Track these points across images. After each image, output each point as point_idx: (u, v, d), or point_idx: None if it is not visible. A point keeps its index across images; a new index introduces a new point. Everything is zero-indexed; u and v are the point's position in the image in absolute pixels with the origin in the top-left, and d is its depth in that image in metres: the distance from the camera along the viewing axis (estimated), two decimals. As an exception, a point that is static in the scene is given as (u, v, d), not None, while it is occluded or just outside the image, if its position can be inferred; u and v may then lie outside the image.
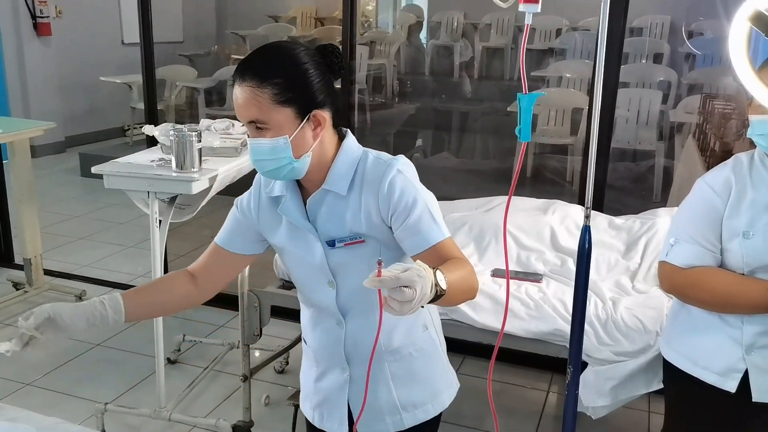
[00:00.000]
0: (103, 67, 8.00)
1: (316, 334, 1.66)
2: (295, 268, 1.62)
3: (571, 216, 3.00)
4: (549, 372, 3.48)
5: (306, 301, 1.67)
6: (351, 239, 1.50)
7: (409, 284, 1.16)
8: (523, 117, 1.21)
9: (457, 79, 8.08)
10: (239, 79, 1.42)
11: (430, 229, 1.46)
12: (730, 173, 1.76)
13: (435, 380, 1.67)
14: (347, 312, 1.58)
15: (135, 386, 3.35)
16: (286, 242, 1.57)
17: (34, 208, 4.18)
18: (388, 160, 1.52)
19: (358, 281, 1.45)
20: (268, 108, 1.41)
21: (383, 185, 1.47)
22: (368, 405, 1.55)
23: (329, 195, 1.51)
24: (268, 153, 1.43)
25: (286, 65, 1.43)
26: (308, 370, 1.73)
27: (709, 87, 6.01)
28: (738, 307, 1.73)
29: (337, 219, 1.51)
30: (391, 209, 1.47)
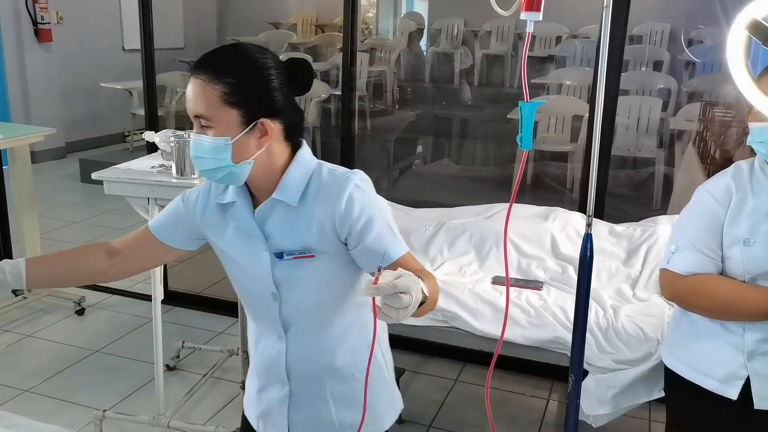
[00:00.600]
0: (103, 73, 8.01)
1: (259, 347, 1.62)
2: (238, 277, 1.58)
3: (572, 223, 3.00)
4: (549, 380, 3.47)
5: (249, 311, 1.63)
6: (300, 253, 1.45)
7: (405, 290, 1.15)
8: (525, 125, 1.21)
9: (457, 86, 8.08)
10: (194, 72, 1.40)
11: (390, 246, 1.41)
12: (730, 181, 1.76)
13: (377, 404, 1.60)
14: (289, 327, 1.53)
15: (134, 393, 3.34)
16: (230, 249, 1.54)
17: (34, 214, 4.17)
18: (344, 173, 1.46)
19: (302, 296, 1.49)
20: (216, 106, 1.38)
21: (341, 201, 1.42)
22: (307, 422, 1.58)
23: (279, 205, 1.46)
24: (207, 151, 1.40)
25: (245, 68, 1.40)
26: (251, 381, 1.70)
27: (709, 95, 6.02)
28: (739, 314, 1.73)
29: (287, 230, 1.46)
30: (348, 227, 1.42)
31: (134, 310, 4.21)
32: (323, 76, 7.72)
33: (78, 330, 3.97)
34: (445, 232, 3.09)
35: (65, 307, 4.18)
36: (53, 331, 3.94)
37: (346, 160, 4.29)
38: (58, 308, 4.19)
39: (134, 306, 4.26)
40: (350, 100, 4.29)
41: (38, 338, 3.87)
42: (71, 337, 3.87)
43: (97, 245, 1.64)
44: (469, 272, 2.85)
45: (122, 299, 4.38)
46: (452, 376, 3.49)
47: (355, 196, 1.42)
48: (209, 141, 1.39)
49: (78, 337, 3.88)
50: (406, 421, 3.12)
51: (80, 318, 4.12)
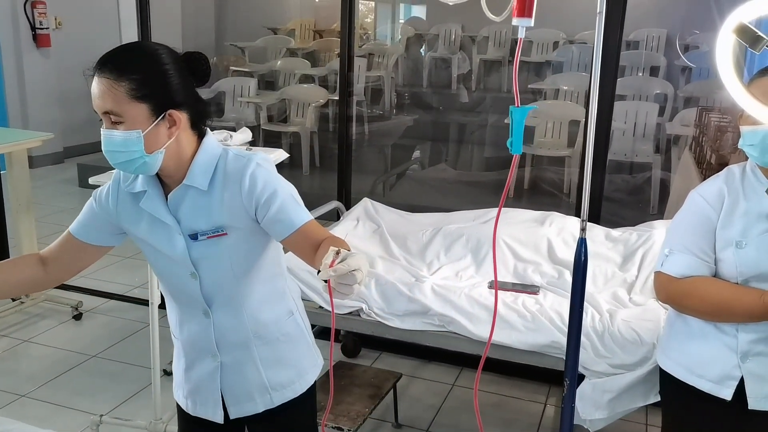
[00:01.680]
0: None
1: (184, 328, 1.72)
2: (157, 262, 1.66)
3: (568, 228, 3.01)
4: (546, 384, 3.47)
5: (171, 294, 1.71)
6: (214, 232, 1.56)
7: (356, 267, 1.26)
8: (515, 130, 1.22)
9: (454, 91, 8.11)
10: (98, 71, 1.48)
11: (295, 214, 1.54)
12: (722, 184, 1.78)
13: (300, 361, 1.76)
14: (212, 302, 1.64)
15: (131, 398, 3.33)
16: (147, 236, 1.62)
17: (32, 219, 4.17)
18: (246, 155, 1.58)
19: (219, 272, 1.61)
20: (124, 102, 1.46)
21: (245, 179, 1.53)
22: (239, 386, 1.69)
23: (191, 190, 1.56)
24: (120, 145, 1.48)
25: (146, 63, 1.49)
26: (178, 361, 1.81)
27: (705, 100, 6.04)
28: (733, 315, 1.74)
29: (200, 213, 1.56)
30: (255, 201, 1.53)
31: (131, 314, 4.21)
32: (321, 82, 7.75)
33: (75, 335, 3.97)
34: (442, 237, 3.10)
35: (62, 312, 4.18)
36: (50, 336, 3.94)
37: (343, 165, 4.30)
38: (56, 313, 4.19)
39: (131, 311, 4.26)
40: (348, 105, 4.30)
41: (35, 343, 3.87)
42: (68, 342, 3.86)
43: (28, 256, 1.73)
44: (465, 277, 2.86)
45: (119, 304, 4.38)
46: (449, 380, 3.49)
47: (257, 173, 1.53)
48: (120, 135, 1.47)
49: (75, 342, 3.88)
50: (403, 425, 3.12)
51: (77, 323, 4.12)
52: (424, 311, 2.66)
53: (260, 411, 1.73)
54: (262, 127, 6.89)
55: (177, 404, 1.87)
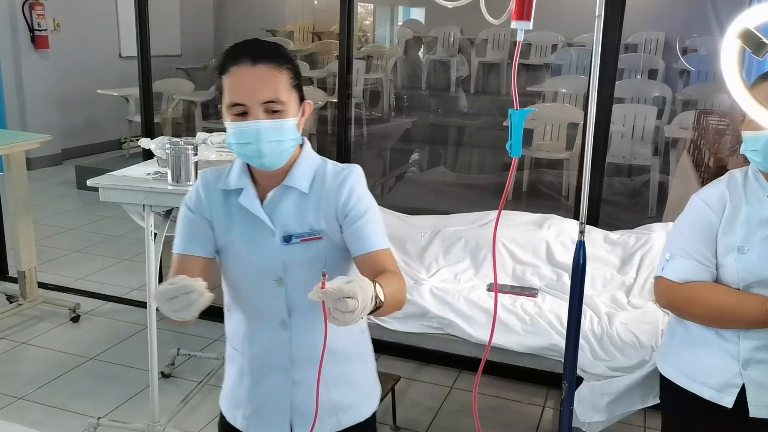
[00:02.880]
0: (100, 80, 8.02)
1: (256, 340, 1.63)
2: (239, 267, 1.59)
3: (567, 231, 3.01)
4: (545, 387, 3.47)
5: (247, 304, 1.63)
6: (309, 235, 1.53)
7: (351, 295, 1.21)
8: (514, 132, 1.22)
9: (453, 93, 8.11)
10: (253, 61, 1.44)
11: (376, 237, 1.54)
12: (724, 189, 1.77)
13: (367, 383, 1.72)
14: (293, 312, 1.58)
15: (128, 400, 3.33)
16: (236, 237, 1.56)
17: (30, 221, 4.17)
18: (347, 166, 1.59)
19: (306, 279, 1.50)
20: (286, 89, 1.46)
21: (344, 188, 1.54)
22: (309, 406, 1.57)
23: (290, 192, 1.54)
24: (288, 132, 1.47)
25: (290, 55, 1.51)
26: (239, 380, 1.68)
27: (703, 103, 6.05)
28: (734, 322, 1.73)
29: (297, 215, 1.54)
30: (347, 210, 1.53)
31: (129, 317, 4.20)
32: (320, 84, 7.75)
33: (73, 337, 3.96)
34: (441, 240, 3.10)
35: (60, 315, 4.17)
36: (48, 339, 3.93)
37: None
38: (53, 315, 4.18)
39: (129, 313, 4.25)
40: (346, 108, 4.30)
41: (33, 345, 3.86)
42: (66, 345, 3.86)
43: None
44: (464, 279, 2.86)
45: (117, 306, 4.37)
46: (448, 383, 3.49)
47: (357, 185, 1.55)
48: (291, 122, 1.47)
49: (73, 344, 3.87)
50: (402, 428, 3.11)
51: (75, 325, 4.11)
52: (422, 314, 2.66)
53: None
54: (261, 129, 6.87)
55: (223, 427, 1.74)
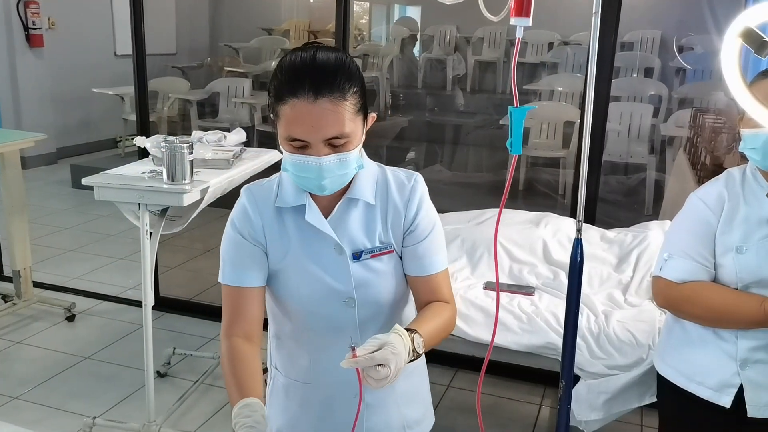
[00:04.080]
0: (95, 78, 7.99)
1: (324, 369, 1.49)
2: (301, 291, 1.45)
3: (564, 229, 3.00)
4: (541, 386, 3.47)
5: (309, 332, 1.49)
6: (381, 249, 1.44)
7: (383, 362, 1.20)
8: (514, 130, 1.21)
9: (449, 92, 8.11)
10: (312, 95, 1.28)
11: (435, 258, 1.45)
12: (722, 188, 1.76)
13: (427, 396, 1.67)
14: (365, 333, 1.44)
15: (124, 400, 3.31)
16: (297, 259, 1.43)
17: (25, 220, 4.15)
18: (410, 175, 1.48)
19: (379, 296, 1.45)
20: (350, 120, 1.32)
21: (414, 199, 1.45)
22: (382, 427, 1.52)
23: (355, 204, 1.44)
24: (345, 166, 1.35)
25: (354, 70, 1.35)
26: (302, 411, 1.56)
27: (699, 101, 6.06)
28: (732, 322, 1.73)
29: (365, 229, 1.44)
30: (413, 227, 1.44)
31: (125, 316, 4.19)
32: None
33: (68, 337, 3.95)
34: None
35: (55, 314, 4.16)
36: (43, 338, 3.91)
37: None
38: (48, 315, 4.17)
39: (125, 313, 4.24)
40: (342, 106, 4.28)
41: (28, 345, 3.84)
42: (61, 344, 3.84)
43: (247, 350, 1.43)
44: (461, 278, 2.85)
45: (113, 306, 4.35)
46: (444, 382, 3.48)
47: (425, 199, 1.46)
48: (354, 153, 1.35)
49: (68, 344, 3.85)
50: (398, 427, 3.11)
51: (70, 325, 4.09)
52: (419, 313, 2.65)
53: None
54: (257, 128, 6.88)
55: None
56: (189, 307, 4.29)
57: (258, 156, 3.26)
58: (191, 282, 4.66)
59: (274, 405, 1.60)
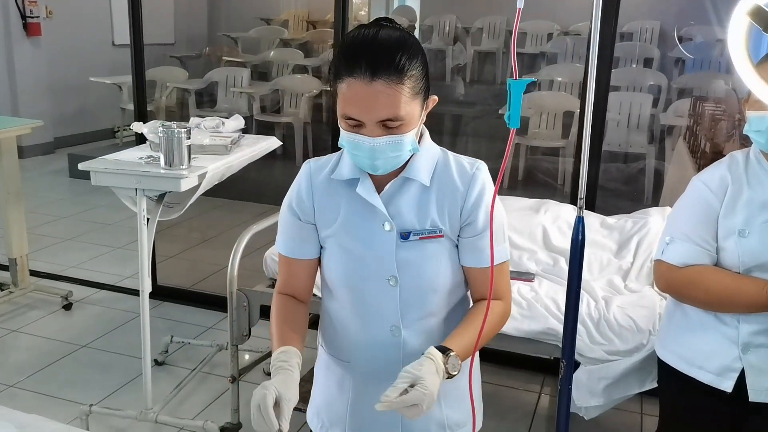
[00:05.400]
0: (93, 68, 7.96)
1: (363, 348, 1.49)
2: (346, 264, 1.45)
3: (563, 216, 2.98)
4: (541, 374, 3.46)
5: (351, 308, 1.48)
6: (430, 232, 1.41)
7: (415, 402, 1.24)
8: (513, 103, 1.18)
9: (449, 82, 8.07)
10: (369, 75, 1.27)
11: (497, 250, 1.42)
12: (725, 172, 1.74)
13: (475, 396, 1.58)
14: (406, 316, 1.45)
15: (121, 388, 3.30)
16: (346, 230, 1.43)
17: (21, 208, 4.13)
18: (473, 162, 1.45)
19: (424, 280, 1.43)
20: (407, 102, 1.30)
21: (475, 186, 1.42)
22: (421, 422, 1.46)
23: (409, 184, 1.42)
24: (399, 148, 1.33)
25: (416, 51, 1.32)
26: (338, 392, 1.55)
27: (699, 91, 6.05)
28: (734, 306, 1.71)
29: (417, 210, 1.42)
30: (471, 217, 1.42)
31: (122, 305, 4.17)
32: (315, 72, 7.71)
33: (65, 325, 3.93)
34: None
35: (52, 302, 4.14)
36: (39, 327, 3.90)
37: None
38: (45, 303, 4.15)
39: (122, 301, 4.22)
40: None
41: (24, 333, 3.82)
42: (58, 333, 3.83)
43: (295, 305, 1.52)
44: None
45: (110, 294, 4.34)
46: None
47: (487, 188, 1.42)
48: (409, 136, 1.33)
49: (65, 332, 3.84)
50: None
51: (67, 313, 4.08)
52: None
53: None
54: (255, 117, 6.86)
55: None
56: (187, 296, 4.27)
57: (256, 142, 3.24)
58: (189, 271, 4.64)
59: (317, 383, 1.63)
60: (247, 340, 2.84)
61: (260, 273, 2.93)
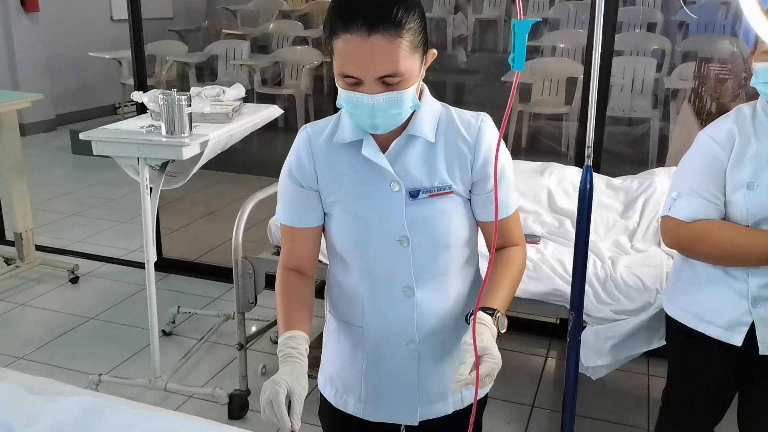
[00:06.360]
0: (92, 43, 7.90)
1: (375, 311, 1.46)
2: (355, 228, 1.42)
3: (568, 177, 2.97)
4: (547, 338, 3.47)
5: (361, 271, 1.45)
6: (439, 190, 1.38)
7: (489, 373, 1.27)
8: (517, 45, 1.16)
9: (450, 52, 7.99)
10: (365, 30, 1.23)
11: (506, 202, 1.43)
12: (732, 125, 1.72)
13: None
14: (419, 276, 1.42)
15: (129, 359, 3.32)
16: (353, 195, 1.40)
17: (24, 183, 4.12)
18: (477, 115, 1.42)
19: (435, 238, 1.40)
20: (406, 57, 1.26)
21: (482, 145, 1.39)
22: (435, 383, 1.48)
23: (414, 141, 1.39)
24: (399, 105, 1.30)
25: (413, 3, 1.28)
26: (351, 358, 1.52)
27: (703, 54, 5.98)
28: (743, 259, 1.70)
29: (425, 167, 1.39)
30: (485, 173, 1.39)
31: (129, 278, 4.18)
32: (315, 44, 7.64)
33: (72, 298, 3.94)
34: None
35: (58, 276, 4.15)
36: (47, 300, 3.91)
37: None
38: (52, 277, 4.16)
39: (129, 274, 4.23)
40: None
41: (31, 307, 3.84)
42: (65, 306, 3.84)
43: (298, 281, 1.49)
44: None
45: (116, 267, 4.35)
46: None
47: (494, 143, 1.38)
48: (410, 92, 1.30)
49: (72, 305, 3.85)
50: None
51: (74, 286, 4.09)
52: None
53: (450, 412, 1.51)
54: (256, 90, 6.81)
55: (327, 413, 1.61)
56: (192, 268, 4.27)
57: (258, 111, 3.22)
58: (194, 244, 4.64)
59: (328, 350, 1.59)
60: (253, 307, 2.84)
61: (264, 245, 2.93)
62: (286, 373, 1.31)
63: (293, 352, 1.35)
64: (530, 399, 3.01)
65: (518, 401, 2.98)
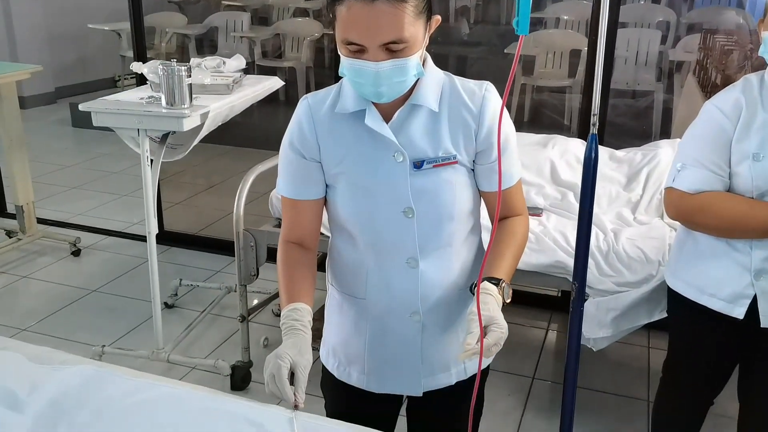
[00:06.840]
0: (90, 15, 7.82)
1: (378, 283, 1.45)
2: (358, 199, 1.41)
3: (572, 150, 2.95)
4: (548, 311, 3.48)
5: (365, 243, 1.44)
6: (444, 159, 1.37)
7: (496, 342, 1.27)
8: (522, 8, 1.14)
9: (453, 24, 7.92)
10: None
11: (509, 172, 1.41)
12: (739, 94, 1.70)
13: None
14: (423, 247, 1.41)
15: (132, 330, 3.33)
16: (357, 166, 1.39)
17: (25, 155, 4.10)
18: (480, 84, 1.41)
19: (440, 209, 1.39)
20: (410, 23, 1.24)
21: (486, 114, 1.37)
22: (439, 354, 1.48)
23: (417, 110, 1.37)
24: (404, 73, 1.28)
25: None
26: (354, 330, 1.52)
27: (708, 25, 5.92)
28: (747, 231, 1.69)
29: (429, 137, 1.37)
30: (489, 143, 1.38)
31: (131, 251, 4.18)
32: (316, 15, 7.56)
33: (74, 271, 3.95)
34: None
35: (61, 249, 4.15)
36: (49, 272, 3.92)
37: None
38: (54, 250, 4.16)
39: (131, 247, 4.23)
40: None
41: (34, 279, 3.84)
42: (67, 278, 3.85)
43: (300, 256, 1.47)
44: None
45: (118, 240, 4.35)
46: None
47: (498, 107, 1.36)
48: (414, 59, 1.28)
49: (74, 277, 3.86)
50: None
51: (76, 259, 4.09)
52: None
53: (453, 383, 1.52)
54: (257, 62, 6.75)
55: (330, 385, 1.61)
56: (194, 241, 4.28)
57: (258, 82, 3.19)
58: (196, 217, 4.64)
59: (330, 323, 1.59)
60: (255, 279, 2.85)
61: (266, 217, 2.92)
62: (290, 346, 1.31)
63: (296, 324, 1.35)
64: (531, 371, 3.02)
65: (519, 373, 2.99)
